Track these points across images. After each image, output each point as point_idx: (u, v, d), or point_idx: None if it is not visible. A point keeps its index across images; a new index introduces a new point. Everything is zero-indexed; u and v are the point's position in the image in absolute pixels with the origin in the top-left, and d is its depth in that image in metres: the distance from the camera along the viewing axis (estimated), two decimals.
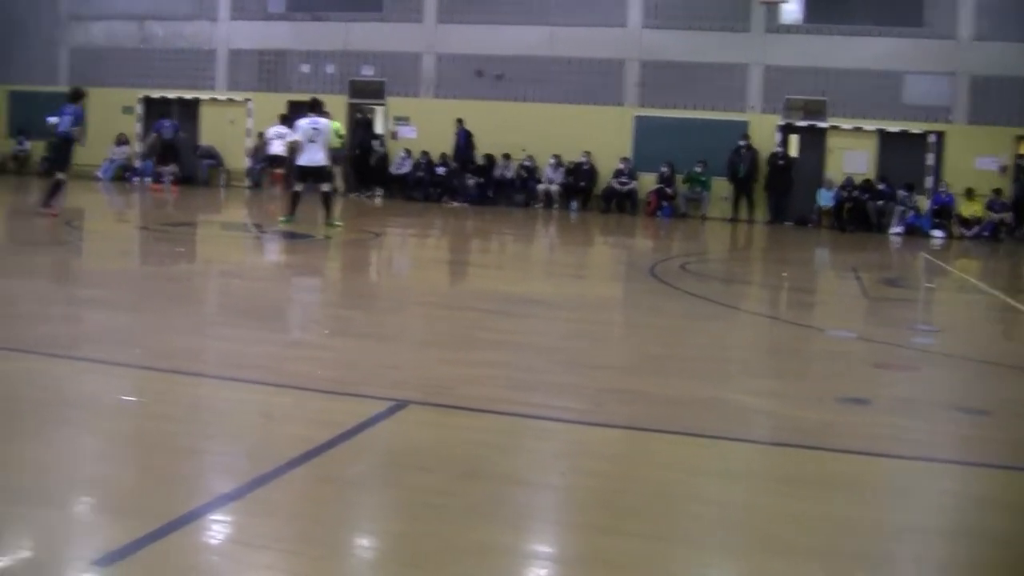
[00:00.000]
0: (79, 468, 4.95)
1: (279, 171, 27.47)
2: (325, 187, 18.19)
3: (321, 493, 4.75)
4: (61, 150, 17.76)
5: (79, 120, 17.65)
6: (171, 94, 31.34)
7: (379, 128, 30.67)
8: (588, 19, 28.51)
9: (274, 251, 16.40)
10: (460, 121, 28.58)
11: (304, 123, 18.24)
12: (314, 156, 17.96)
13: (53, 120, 17.94)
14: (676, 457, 5.70)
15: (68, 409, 5.91)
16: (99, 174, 31.13)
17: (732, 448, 5.98)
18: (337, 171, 28.53)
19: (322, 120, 18.30)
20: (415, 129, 29.49)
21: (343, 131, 26.90)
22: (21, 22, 33.04)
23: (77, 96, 17.88)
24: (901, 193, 26.04)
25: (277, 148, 26.47)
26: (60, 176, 17.55)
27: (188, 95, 31.34)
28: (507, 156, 28.47)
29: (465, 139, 28.59)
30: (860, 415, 6.74)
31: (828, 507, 4.90)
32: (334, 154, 27.29)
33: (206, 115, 31.54)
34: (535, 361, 7.92)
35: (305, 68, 30.79)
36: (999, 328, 12.29)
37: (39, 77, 32.68)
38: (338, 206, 21.66)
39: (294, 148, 18.72)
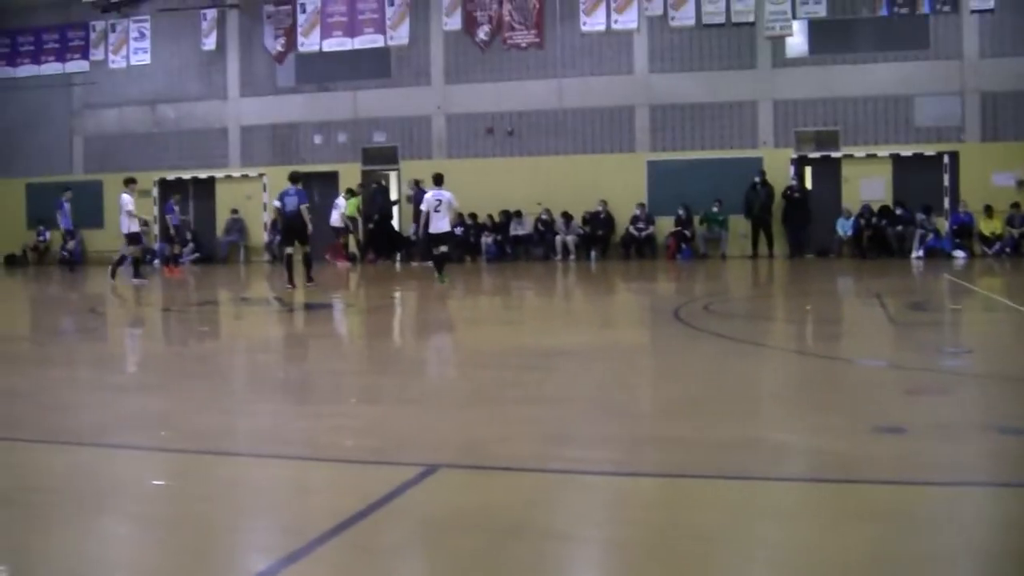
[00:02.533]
0: (113, 554, 4.92)
1: (341, 241, 27.56)
2: (443, 249, 20.84)
3: (358, 564, 4.69)
4: (290, 227, 20.60)
5: (304, 199, 20.58)
6: (186, 174, 31.56)
7: (394, 194, 30.78)
8: (595, 68, 28.71)
9: (297, 323, 16.40)
10: (417, 182, 27.82)
11: (429, 196, 20.59)
12: (439, 224, 20.29)
13: (278, 204, 20.74)
14: (718, 501, 5.61)
15: (98, 498, 5.86)
16: None
17: (772, 488, 5.89)
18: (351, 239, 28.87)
19: (445, 193, 20.46)
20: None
21: (360, 206, 27.31)
22: (36, 115, 33.54)
23: (296, 179, 20.82)
24: (919, 216, 26.00)
25: (336, 219, 26.67)
26: (289, 250, 20.75)
27: (203, 174, 31.58)
28: (519, 213, 28.48)
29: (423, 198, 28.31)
30: (897, 444, 6.65)
31: (874, 540, 4.81)
32: (348, 223, 27.62)
33: (222, 192, 31.75)
34: (567, 414, 7.85)
35: (317, 138, 31.04)
36: None
37: (55, 167, 33.11)
38: (357, 273, 21.79)
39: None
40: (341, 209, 28.26)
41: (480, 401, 8.54)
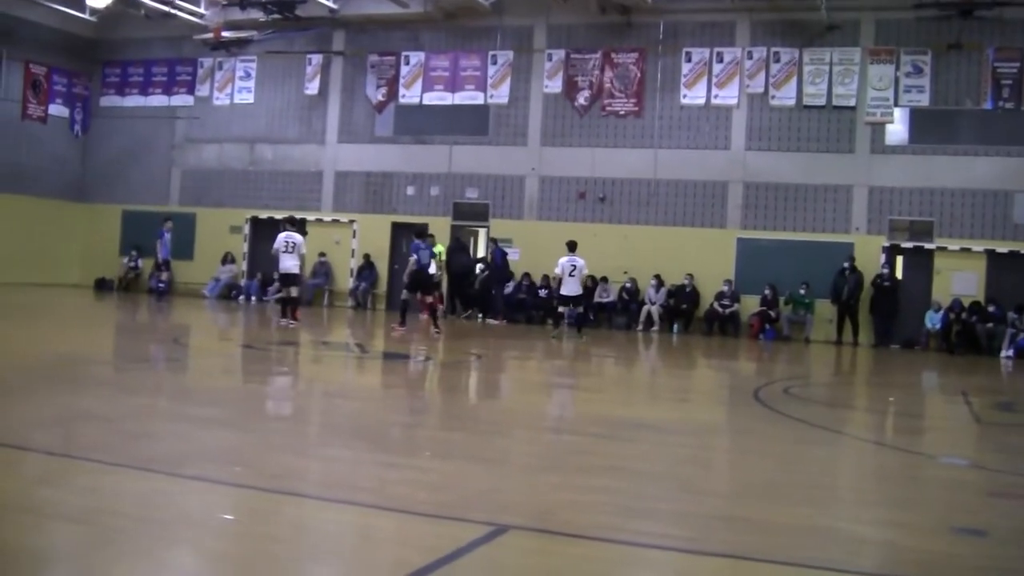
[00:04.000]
0: None
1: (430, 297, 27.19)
2: (579, 309, 24.14)
3: None
4: (420, 278, 22.48)
5: (433, 254, 22.92)
6: (278, 215, 31.93)
7: (482, 250, 30.95)
8: (691, 142, 28.70)
9: (376, 372, 16.47)
10: (495, 241, 29.36)
11: (564, 260, 22.86)
12: (572, 287, 22.90)
13: (414, 257, 22.42)
14: None
15: (169, 527, 5.91)
16: (206, 292, 31.79)
17: None
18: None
19: (579, 259, 22.92)
20: (518, 251, 29.64)
21: (443, 255, 27.50)
22: (139, 144, 34.38)
23: (423, 234, 23.01)
24: (1012, 315, 25.50)
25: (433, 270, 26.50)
26: (406, 296, 22.68)
27: (296, 216, 31.84)
28: (604, 279, 28.41)
29: (501, 258, 28.69)
30: (977, 546, 6.49)
31: None
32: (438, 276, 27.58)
33: (312, 235, 31.98)
34: (640, 487, 7.78)
35: (410, 190, 31.26)
36: None
37: (152, 197, 33.80)
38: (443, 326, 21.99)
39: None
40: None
41: (554, 466, 8.50)
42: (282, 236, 21.94)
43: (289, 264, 21.75)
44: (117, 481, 6.90)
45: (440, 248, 28.09)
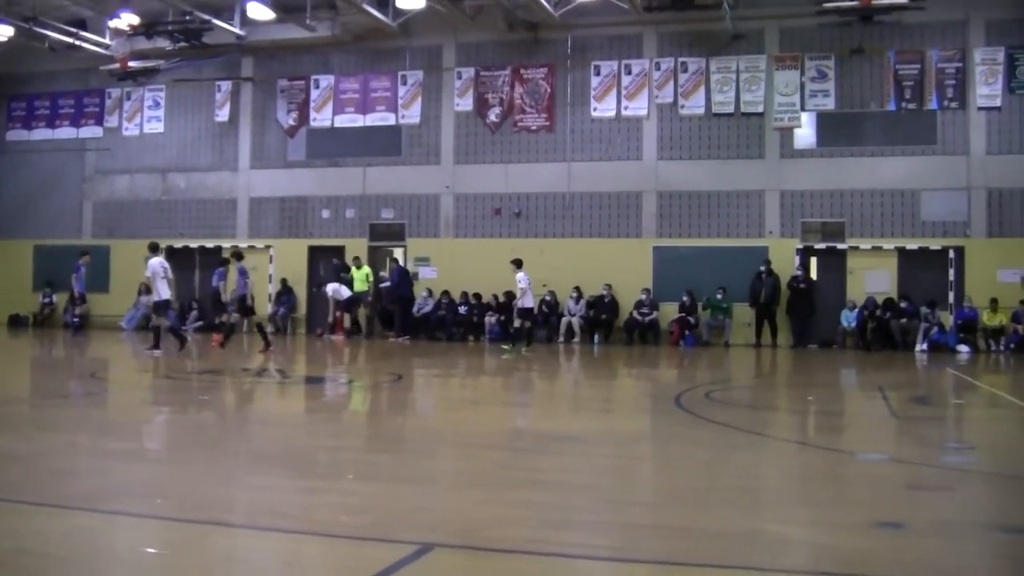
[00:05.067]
0: None
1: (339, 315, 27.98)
2: (527, 323, 25.27)
3: None
4: (241, 302, 23.96)
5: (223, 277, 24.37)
6: (193, 243, 31.71)
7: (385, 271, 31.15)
8: (604, 154, 28.92)
9: (298, 397, 16.37)
10: (395, 260, 29.95)
11: (522, 275, 24.28)
12: (528, 301, 24.65)
13: (242, 280, 23.82)
14: None
15: (94, 564, 5.84)
16: (123, 324, 31.43)
17: None
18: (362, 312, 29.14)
19: (526, 276, 24.50)
20: (435, 269, 29.68)
21: (371, 276, 27.67)
22: (48, 178, 33.94)
23: (239, 257, 24.23)
24: (924, 310, 26.01)
25: (344, 294, 26.85)
26: (232, 319, 24.47)
27: (210, 244, 31.68)
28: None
29: (399, 277, 28.81)
30: (897, 540, 6.60)
31: None
32: (358, 296, 27.69)
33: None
34: (566, 499, 7.80)
35: (326, 213, 31.18)
36: None
37: (64, 231, 33.38)
38: (362, 348, 21.82)
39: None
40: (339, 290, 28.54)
41: (478, 482, 8.50)
42: (157, 261, 21.52)
43: (167, 291, 21.53)
44: (39, 521, 6.79)
45: (367, 269, 28.24)
